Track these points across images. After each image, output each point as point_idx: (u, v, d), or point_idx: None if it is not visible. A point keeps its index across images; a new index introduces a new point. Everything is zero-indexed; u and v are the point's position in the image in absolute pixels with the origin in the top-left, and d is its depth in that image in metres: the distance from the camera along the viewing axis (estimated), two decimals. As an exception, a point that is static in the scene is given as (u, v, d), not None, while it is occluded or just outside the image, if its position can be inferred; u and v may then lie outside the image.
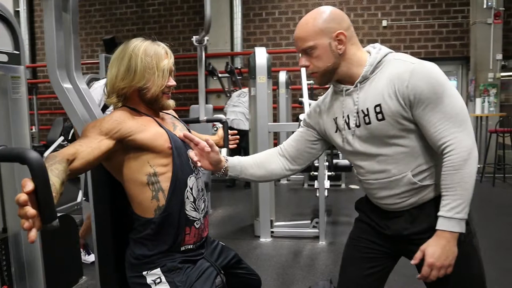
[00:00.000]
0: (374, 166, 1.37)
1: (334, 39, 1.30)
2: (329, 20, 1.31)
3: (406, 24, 7.54)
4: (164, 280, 1.37)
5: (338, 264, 3.10)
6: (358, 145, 1.37)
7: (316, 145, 1.54)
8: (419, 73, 1.23)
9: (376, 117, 1.30)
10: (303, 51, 1.35)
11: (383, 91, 1.28)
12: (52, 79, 1.55)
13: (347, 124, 1.38)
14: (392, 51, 1.36)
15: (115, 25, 8.60)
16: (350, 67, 1.34)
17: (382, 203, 1.43)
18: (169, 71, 1.43)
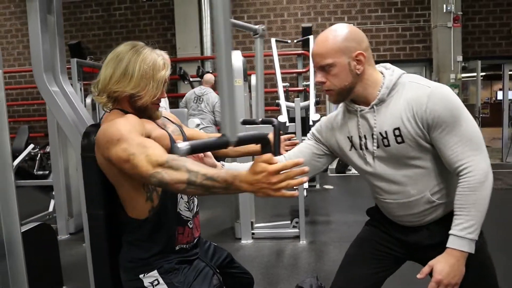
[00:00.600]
0: (393, 187, 1.40)
1: (354, 59, 1.31)
2: (350, 39, 1.31)
3: (371, 28, 7.75)
4: (162, 282, 1.36)
5: (320, 262, 3.18)
6: (378, 167, 1.40)
7: (322, 159, 1.56)
8: (436, 97, 1.27)
9: (396, 140, 1.33)
10: (321, 68, 1.34)
11: (402, 114, 1.31)
12: (38, 82, 1.52)
13: (364, 145, 1.41)
14: (404, 72, 1.39)
15: (81, 29, 8.40)
16: (366, 88, 1.36)
17: (401, 220, 1.47)
18: (163, 83, 1.40)
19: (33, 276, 2.06)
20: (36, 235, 2.53)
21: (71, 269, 3.20)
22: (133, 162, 1.15)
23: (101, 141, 1.26)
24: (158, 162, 1.11)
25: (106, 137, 1.24)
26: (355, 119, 1.42)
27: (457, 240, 1.25)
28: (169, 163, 1.10)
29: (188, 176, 1.08)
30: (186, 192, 1.15)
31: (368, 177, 1.48)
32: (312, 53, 1.37)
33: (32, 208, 4.59)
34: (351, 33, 1.32)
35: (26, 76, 8.47)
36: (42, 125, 8.27)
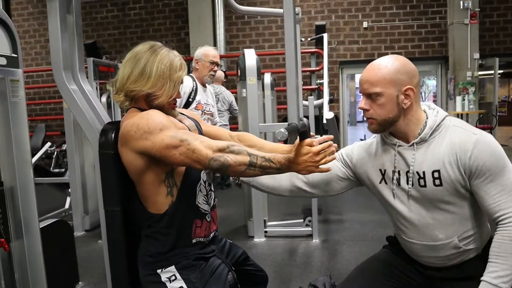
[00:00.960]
0: (421, 228, 1.39)
1: (403, 92, 1.30)
2: (403, 72, 1.30)
3: (386, 25, 7.69)
4: (179, 277, 1.38)
5: (333, 261, 3.18)
6: (410, 206, 1.39)
7: (343, 182, 1.55)
8: (482, 145, 1.27)
9: (434, 182, 1.32)
10: (368, 95, 1.34)
11: (444, 158, 1.30)
12: (58, 81, 1.55)
13: (397, 180, 1.39)
14: (448, 114, 1.38)
15: (96, 29, 8.50)
16: (409, 124, 1.35)
17: (422, 260, 1.46)
18: (179, 83, 1.43)
19: (50, 271, 2.10)
20: (53, 231, 2.57)
21: (87, 265, 3.26)
22: (189, 147, 1.24)
23: (134, 134, 1.29)
24: (218, 147, 1.24)
25: (143, 129, 1.28)
26: (392, 152, 1.40)
27: (490, 287, 1.23)
28: (230, 148, 1.25)
29: (250, 159, 1.24)
30: (244, 174, 1.28)
31: (394, 214, 1.46)
32: (361, 78, 1.36)
33: (49, 206, 4.67)
34: (405, 67, 1.32)
35: (44, 75, 8.61)
36: (58, 123, 8.39)
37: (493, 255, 1.26)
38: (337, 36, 7.75)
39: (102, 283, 2.90)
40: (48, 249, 2.12)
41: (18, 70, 1.91)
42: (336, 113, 7.11)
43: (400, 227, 1.46)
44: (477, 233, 1.37)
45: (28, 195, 1.98)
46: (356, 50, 7.73)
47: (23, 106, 1.92)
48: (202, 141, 1.26)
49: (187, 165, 1.31)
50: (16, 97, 1.88)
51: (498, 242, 1.26)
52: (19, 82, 1.90)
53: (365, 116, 1.38)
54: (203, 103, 3.06)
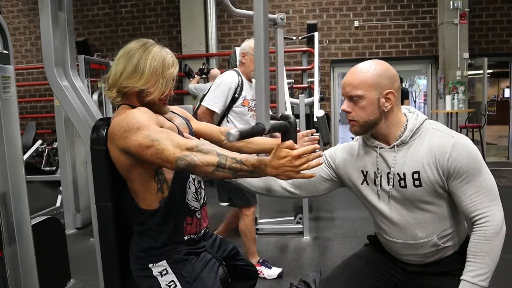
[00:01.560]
0: (402, 228, 1.43)
1: (384, 96, 1.34)
2: (384, 77, 1.34)
3: (377, 25, 7.73)
4: (171, 272, 1.40)
5: (324, 258, 3.21)
6: (391, 206, 1.43)
7: (326, 183, 1.59)
8: (460, 148, 1.31)
9: (413, 183, 1.36)
10: (350, 98, 1.37)
11: (423, 159, 1.35)
12: (49, 77, 1.56)
13: (379, 182, 1.43)
14: (427, 117, 1.43)
15: (87, 27, 8.45)
16: (389, 126, 1.39)
17: (402, 258, 1.50)
18: (172, 80, 1.44)
19: (42, 268, 2.11)
20: (44, 229, 2.58)
21: (78, 262, 3.26)
22: (158, 147, 1.21)
23: (117, 132, 1.30)
24: (186, 146, 1.20)
25: (124, 127, 1.29)
26: (373, 154, 1.44)
27: (470, 286, 1.28)
28: (199, 147, 1.20)
29: (219, 159, 1.18)
30: (213, 175, 1.20)
31: (376, 214, 1.50)
32: (344, 82, 1.40)
33: (40, 204, 4.65)
34: (387, 71, 1.36)
35: (34, 73, 8.55)
36: (49, 121, 8.33)
37: (470, 254, 1.31)
38: (329, 35, 7.79)
39: (94, 280, 2.91)
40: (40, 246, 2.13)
41: (9, 67, 1.92)
42: (327, 112, 7.16)
43: (381, 227, 1.50)
44: (455, 231, 1.42)
45: (19, 192, 1.98)
46: (348, 49, 7.78)
47: (14, 103, 1.93)
48: (172, 139, 1.23)
49: (159, 165, 1.30)
50: (7, 93, 1.88)
51: (474, 242, 1.31)
52: (10, 78, 1.90)
53: (347, 118, 1.41)
54: (249, 99, 2.87)
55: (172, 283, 1.38)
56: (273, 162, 1.17)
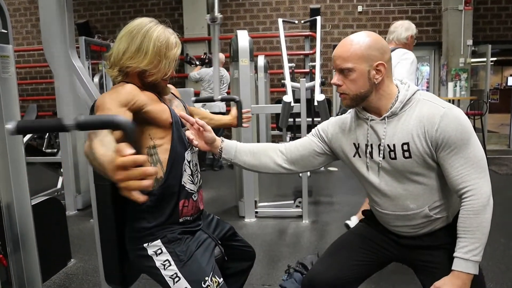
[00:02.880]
0: (392, 199, 1.43)
1: (374, 68, 1.33)
2: (374, 48, 1.33)
3: (380, 10, 7.65)
4: (165, 251, 1.42)
5: (322, 241, 3.24)
6: (381, 178, 1.43)
7: (320, 157, 1.58)
8: (449, 118, 1.29)
9: (403, 154, 1.35)
10: (340, 70, 1.36)
11: (412, 130, 1.33)
12: (48, 58, 1.56)
13: (370, 154, 1.43)
14: (419, 88, 1.41)
15: (88, 9, 8.38)
16: (380, 98, 1.38)
17: (396, 230, 1.51)
18: (174, 61, 1.44)
19: (42, 248, 2.14)
20: (45, 209, 2.60)
21: (79, 243, 3.30)
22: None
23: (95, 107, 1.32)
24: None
25: (95, 106, 1.30)
26: (365, 126, 1.44)
27: (463, 262, 1.28)
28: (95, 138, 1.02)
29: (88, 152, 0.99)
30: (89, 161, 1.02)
31: (368, 186, 1.51)
32: (334, 55, 1.38)
33: (41, 185, 4.68)
34: (377, 43, 1.34)
35: (35, 55, 8.51)
36: (50, 104, 8.33)
37: (460, 230, 1.31)
38: (332, 19, 7.72)
39: (93, 260, 2.95)
40: (41, 226, 2.15)
41: (8, 46, 1.91)
42: (329, 97, 7.13)
43: (374, 199, 1.51)
44: (447, 203, 1.42)
45: (19, 172, 2.00)
46: (351, 33, 7.63)
47: (13, 82, 1.92)
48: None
49: None
50: (6, 73, 1.88)
51: (463, 217, 1.30)
52: (9, 58, 1.90)
53: (338, 91, 1.41)
54: None
55: (167, 262, 1.40)
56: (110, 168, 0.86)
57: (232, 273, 1.70)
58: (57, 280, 2.69)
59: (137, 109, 1.33)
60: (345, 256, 1.57)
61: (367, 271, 1.59)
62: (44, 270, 2.17)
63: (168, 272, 1.39)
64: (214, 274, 1.43)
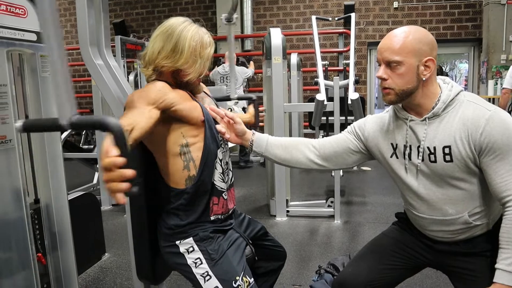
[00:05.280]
0: (430, 203, 1.38)
1: (423, 63, 1.28)
2: (424, 43, 1.27)
3: (417, 6, 7.44)
4: (197, 249, 1.42)
5: (354, 242, 3.18)
6: (420, 181, 1.38)
7: (355, 156, 1.53)
8: (495, 122, 1.23)
9: (444, 158, 1.30)
10: (387, 63, 1.30)
11: (455, 133, 1.27)
12: (84, 56, 1.59)
13: (408, 155, 1.38)
14: (463, 89, 1.34)
15: (124, 8, 8.58)
16: (424, 97, 1.32)
17: (431, 234, 1.45)
18: (208, 60, 1.44)
19: (78, 242, 2.19)
20: (81, 204, 2.67)
21: (113, 237, 3.38)
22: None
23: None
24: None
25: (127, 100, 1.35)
26: (404, 127, 1.38)
27: (506, 274, 1.21)
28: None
29: None
30: None
31: (404, 188, 1.45)
32: (381, 46, 1.32)
33: (78, 180, 4.82)
34: (427, 37, 1.29)
35: (73, 54, 8.77)
36: (87, 101, 8.57)
37: (503, 241, 1.23)
38: (366, 16, 7.57)
39: (127, 255, 3.01)
40: (77, 220, 2.21)
41: (47, 46, 1.96)
42: (363, 95, 7.00)
43: (410, 202, 1.45)
44: (488, 209, 1.35)
45: (57, 167, 2.05)
46: (386, 31, 7.53)
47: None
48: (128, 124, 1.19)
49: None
50: (46, 72, 1.93)
51: (507, 227, 1.23)
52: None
53: (382, 86, 1.34)
54: None
55: (198, 260, 1.41)
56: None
57: (263, 273, 1.70)
58: (91, 273, 2.77)
59: (166, 107, 1.34)
60: (377, 259, 1.52)
61: (399, 275, 1.54)
62: (80, 264, 2.23)
63: (199, 270, 1.40)
64: (245, 274, 1.43)
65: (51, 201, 2.02)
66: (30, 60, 1.91)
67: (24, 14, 1.81)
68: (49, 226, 1.99)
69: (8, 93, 1.72)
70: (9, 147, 1.74)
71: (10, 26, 1.76)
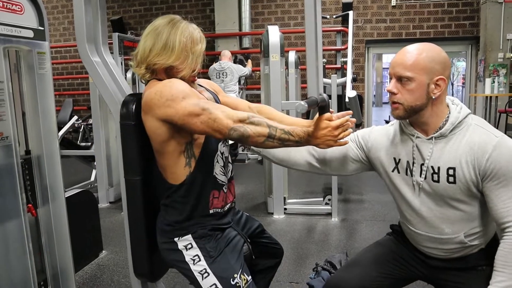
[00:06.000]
0: (429, 221, 1.39)
1: (434, 82, 1.28)
2: (437, 62, 1.28)
3: (415, 4, 7.45)
4: (195, 246, 1.42)
5: (351, 240, 3.19)
6: (420, 198, 1.38)
7: (354, 164, 1.54)
8: (502, 149, 1.24)
9: (447, 179, 1.31)
10: (398, 78, 1.31)
11: (461, 156, 1.28)
12: (81, 53, 1.58)
13: (411, 172, 1.38)
14: (471, 112, 1.35)
15: (122, 5, 8.55)
16: (432, 115, 1.33)
17: (426, 251, 1.46)
18: (200, 56, 1.44)
19: (75, 239, 2.19)
20: (78, 201, 2.67)
21: (110, 235, 3.38)
22: (210, 116, 1.27)
23: (157, 102, 1.30)
24: (239, 118, 1.27)
25: (166, 96, 1.30)
26: (410, 143, 1.39)
27: None
28: (250, 119, 1.27)
29: (269, 130, 1.27)
30: (263, 145, 1.29)
31: (402, 204, 1.46)
32: (394, 61, 1.33)
33: (75, 177, 4.82)
34: (440, 56, 1.29)
35: (71, 51, 8.76)
36: (85, 98, 8.56)
37: (499, 264, 1.25)
38: (364, 14, 7.57)
39: (124, 252, 3.01)
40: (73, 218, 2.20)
41: (44, 43, 1.95)
42: (360, 93, 7.02)
43: (407, 217, 1.46)
44: (483, 230, 1.37)
45: (54, 163, 2.05)
46: (384, 29, 7.55)
47: (49, 78, 1.97)
48: (223, 110, 1.28)
49: (207, 133, 1.32)
50: (42, 69, 1.93)
51: (504, 251, 1.25)
52: (46, 54, 1.94)
53: (391, 100, 1.35)
54: None
55: (196, 257, 1.41)
56: (315, 133, 1.28)
57: (260, 270, 1.70)
58: (89, 271, 2.77)
59: None
60: (371, 266, 1.53)
61: (390, 285, 1.54)
62: (77, 261, 2.22)
63: (197, 267, 1.40)
64: (243, 271, 1.43)
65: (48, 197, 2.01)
66: (27, 57, 1.90)
67: (21, 11, 1.80)
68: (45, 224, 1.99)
69: (5, 90, 1.71)
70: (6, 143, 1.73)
71: (6, 23, 1.75)
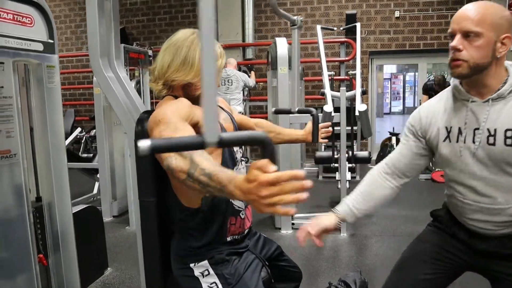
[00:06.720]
0: (481, 190, 1.31)
1: (501, 40, 1.22)
2: (505, 19, 1.22)
3: (419, 15, 7.44)
4: (212, 273, 1.35)
5: (361, 256, 3.12)
6: (473, 165, 1.31)
7: (425, 156, 1.47)
8: None
9: (505, 141, 1.24)
10: (465, 34, 1.23)
11: None
12: (94, 67, 1.52)
13: (463, 139, 1.32)
14: None
15: (125, 15, 8.53)
16: (492, 76, 1.26)
17: (472, 224, 1.38)
18: (220, 72, 1.40)
19: (81, 256, 2.12)
20: (84, 217, 2.60)
21: (115, 251, 3.30)
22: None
23: (149, 124, 1.26)
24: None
25: (153, 120, 1.24)
26: (463, 109, 1.32)
27: None
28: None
29: (189, 167, 1.00)
30: (186, 184, 1.03)
31: (454, 173, 1.38)
32: (458, 16, 1.25)
33: (77, 190, 4.73)
34: (506, 14, 1.24)
35: (73, 61, 8.73)
36: (87, 109, 8.51)
37: None
38: (368, 25, 7.56)
39: (130, 269, 2.93)
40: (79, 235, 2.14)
41: (54, 56, 1.91)
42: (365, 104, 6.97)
43: (456, 188, 1.38)
44: None
45: (61, 179, 1.99)
46: (387, 40, 7.53)
47: (58, 92, 1.92)
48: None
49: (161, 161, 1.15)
50: (51, 82, 1.88)
51: None
52: (55, 68, 1.90)
53: (453, 57, 1.26)
54: None
55: (214, 285, 1.34)
56: (242, 185, 0.86)
57: (278, 294, 1.63)
58: (94, 289, 2.69)
59: (194, 123, 1.27)
60: (414, 270, 1.46)
61: (439, 285, 1.47)
62: (83, 279, 2.15)
63: (215, 295, 1.33)
64: (262, 298, 1.36)
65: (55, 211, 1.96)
66: (36, 71, 1.85)
67: (31, 23, 1.75)
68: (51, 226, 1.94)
69: (14, 106, 1.66)
70: (14, 161, 1.67)
71: (16, 36, 1.70)
